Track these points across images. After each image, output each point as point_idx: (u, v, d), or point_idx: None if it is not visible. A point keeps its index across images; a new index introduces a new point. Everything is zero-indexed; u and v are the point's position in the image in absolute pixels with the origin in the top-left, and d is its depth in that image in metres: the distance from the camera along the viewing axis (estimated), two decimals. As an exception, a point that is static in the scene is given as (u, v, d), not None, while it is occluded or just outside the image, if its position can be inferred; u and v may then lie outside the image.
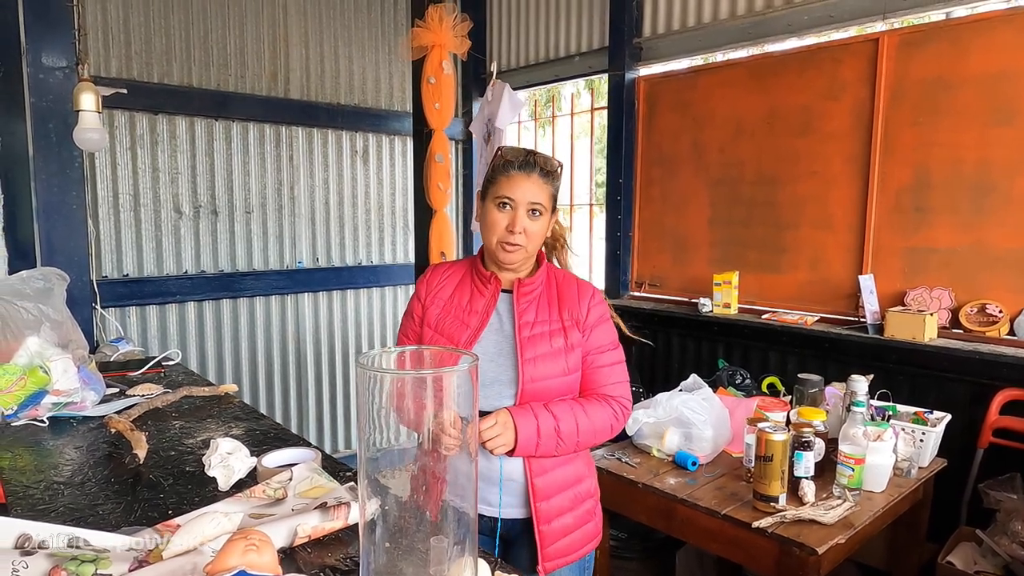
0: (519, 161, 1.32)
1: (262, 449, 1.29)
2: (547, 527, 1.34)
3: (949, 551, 2.02)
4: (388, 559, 0.74)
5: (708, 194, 3.10)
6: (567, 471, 1.38)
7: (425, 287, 1.43)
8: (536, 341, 1.32)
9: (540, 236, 1.35)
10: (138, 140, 3.17)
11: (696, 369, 2.45)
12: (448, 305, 1.39)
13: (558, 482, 1.36)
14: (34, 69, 2.17)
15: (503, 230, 1.31)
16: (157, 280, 3.25)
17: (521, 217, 1.30)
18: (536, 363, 1.31)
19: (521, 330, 1.32)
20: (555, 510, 1.35)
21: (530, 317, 1.34)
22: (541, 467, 1.34)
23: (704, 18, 3.07)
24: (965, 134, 2.35)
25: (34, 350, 1.60)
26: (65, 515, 1.07)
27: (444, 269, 1.46)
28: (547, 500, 1.34)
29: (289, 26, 3.60)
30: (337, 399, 3.98)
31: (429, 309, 1.40)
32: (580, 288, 1.40)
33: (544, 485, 1.34)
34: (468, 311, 1.37)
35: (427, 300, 1.42)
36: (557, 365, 1.32)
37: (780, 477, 1.63)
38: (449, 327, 1.36)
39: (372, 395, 0.68)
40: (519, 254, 1.32)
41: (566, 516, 1.37)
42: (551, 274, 1.43)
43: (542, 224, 1.34)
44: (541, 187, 1.32)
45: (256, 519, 1.00)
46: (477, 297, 1.38)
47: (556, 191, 1.37)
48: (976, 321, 2.32)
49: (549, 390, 1.32)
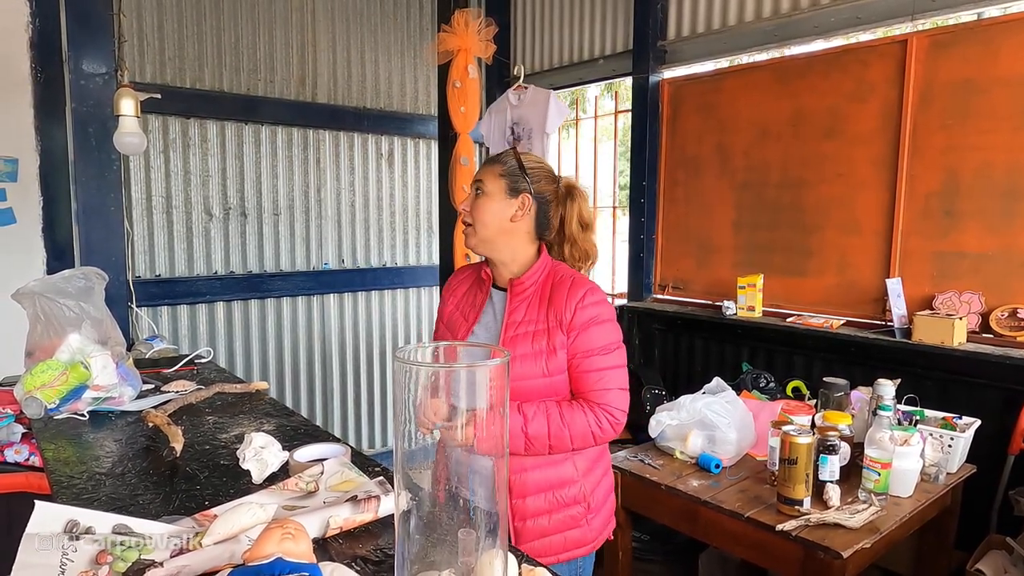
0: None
1: (293, 444, 1.32)
2: (521, 524, 1.36)
3: (978, 559, 1.99)
4: (420, 548, 0.77)
5: (733, 197, 3.09)
6: (548, 473, 1.37)
7: (447, 287, 1.57)
8: (518, 341, 1.35)
9: (488, 215, 1.38)
10: (171, 144, 3.26)
11: (720, 372, 2.44)
12: (459, 302, 1.50)
13: (536, 483, 1.37)
14: (75, 75, 2.25)
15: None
16: (188, 280, 3.34)
17: (468, 197, 1.42)
18: (516, 362, 1.33)
19: (507, 329, 1.37)
20: (530, 510, 1.36)
21: (519, 316, 1.37)
22: (520, 465, 1.35)
23: (729, 20, 3.07)
24: (996, 137, 2.31)
25: (75, 346, 1.66)
26: (107, 504, 1.11)
27: (465, 269, 1.59)
28: (522, 499, 1.36)
29: (317, 31, 3.67)
30: (362, 399, 4.03)
31: (447, 306, 1.53)
32: (571, 288, 1.36)
33: (520, 484, 1.35)
34: (470, 307, 1.47)
35: (447, 298, 1.54)
36: (536, 366, 1.33)
37: (805, 480, 1.63)
38: (454, 322, 1.48)
39: (408, 388, 0.70)
40: (471, 237, 1.41)
41: (542, 518, 1.37)
42: (550, 273, 1.42)
43: (488, 205, 1.38)
44: (484, 169, 1.42)
45: (289, 511, 1.04)
46: (478, 294, 1.47)
47: (507, 171, 1.39)
48: (1007, 326, 2.28)
49: (529, 390, 1.33)
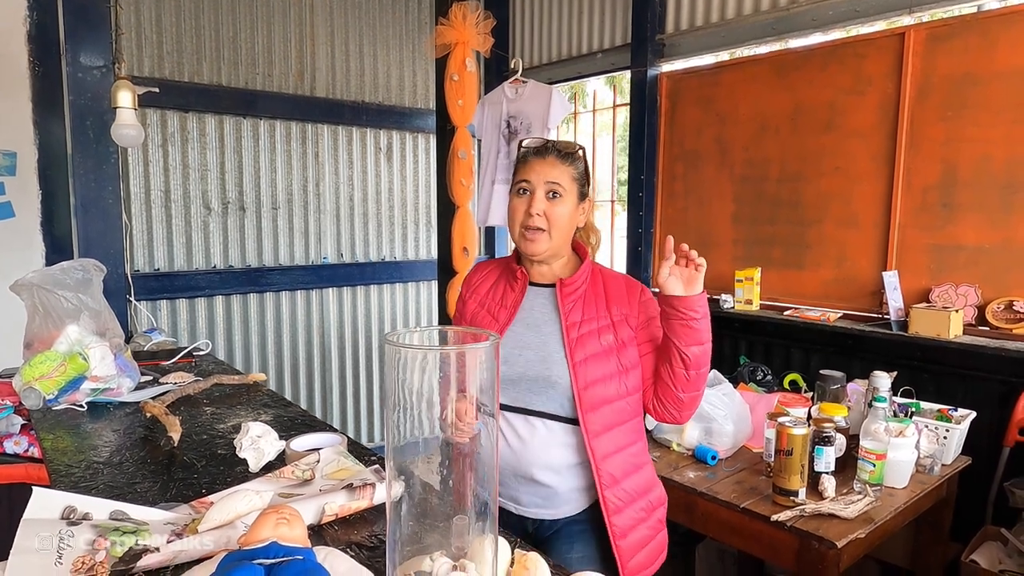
0: (535, 147, 1.32)
1: (290, 434, 1.33)
2: (624, 542, 1.27)
3: (973, 550, 2.00)
4: (412, 533, 0.77)
5: (731, 190, 3.10)
6: (637, 480, 1.33)
7: (467, 284, 1.47)
8: (585, 341, 1.27)
9: (565, 221, 1.29)
10: (169, 138, 3.26)
11: (718, 365, 2.43)
12: (484, 300, 1.41)
13: (632, 493, 1.31)
14: (73, 68, 2.25)
15: (523, 215, 1.29)
16: (187, 274, 3.34)
17: (539, 199, 1.27)
18: (588, 364, 1.26)
19: (569, 331, 1.28)
20: (630, 524, 1.30)
21: (577, 317, 1.30)
22: (611, 478, 1.28)
23: (727, 14, 3.06)
24: (993, 130, 2.32)
25: (74, 338, 1.66)
26: (105, 492, 1.12)
27: (485, 266, 1.49)
28: (618, 513, 1.28)
29: (315, 25, 3.66)
30: (360, 392, 4.04)
31: (468, 304, 1.43)
32: (629, 285, 1.34)
33: (615, 499, 1.28)
34: (499, 306, 1.37)
35: (467, 296, 1.44)
36: (609, 364, 1.27)
37: (800, 471, 1.64)
38: (481, 321, 1.37)
39: (398, 372, 0.71)
40: (542, 241, 1.28)
41: (641, 528, 1.31)
42: (596, 272, 1.37)
43: (565, 208, 1.29)
44: (558, 167, 1.29)
45: (285, 498, 1.04)
46: (508, 292, 1.38)
47: (580, 175, 1.33)
48: (1003, 318, 2.29)
49: (605, 393, 1.27)
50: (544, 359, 1.29)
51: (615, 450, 1.29)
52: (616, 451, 1.29)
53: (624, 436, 1.31)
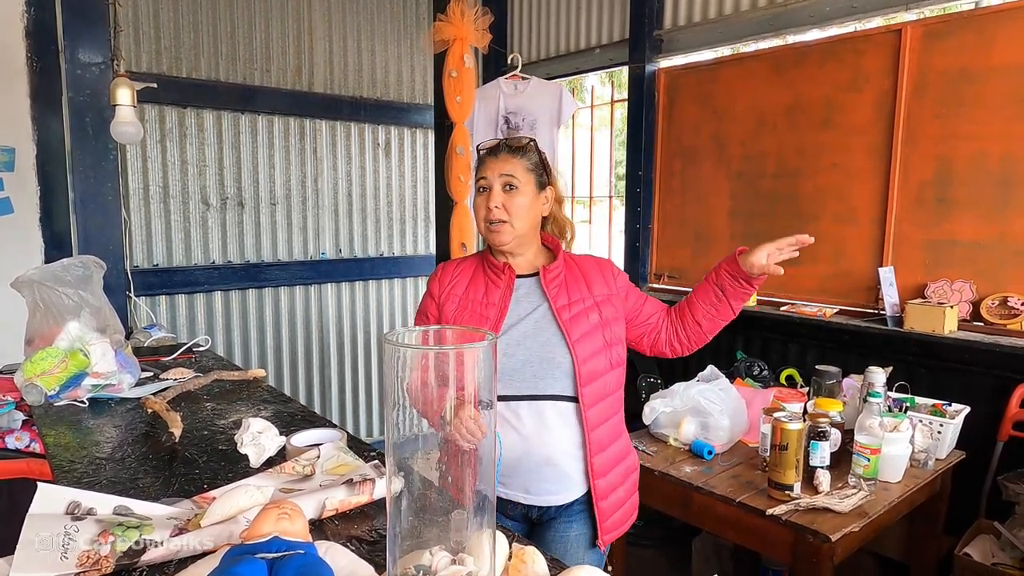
0: (489, 147, 1.42)
1: (290, 429, 1.34)
2: (604, 503, 1.41)
3: (967, 543, 2.02)
4: (412, 527, 0.79)
5: (729, 186, 3.10)
6: (619, 446, 1.46)
7: (438, 285, 1.46)
8: (577, 320, 1.37)
9: (524, 210, 1.37)
10: (167, 133, 3.26)
11: (714, 361, 2.46)
12: (464, 300, 1.41)
13: (612, 458, 1.43)
14: (71, 65, 2.25)
15: (484, 209, 1.37)
16: (186, 270, 3.35)
17: (496, 192, 1.36)
18: (583, 342, 1.36)
19: (561, 313, 1.37)
20: (610, 486, 1.42)
21: (564, 300, 1.39)
22: (599, 445, 1.39)
23: (725, 10, 3.07)
24: (989, 126, 2.32)
25: (75, 334, 1.67)
26: (108, 487, 1.13)
27: (455, 266, 1.49)
28: (603, 476, 1.41)
29: (313, 21, 3.66)
30: (360, 387, 4.06)
31: (445, 306, 1.42)
32: (600, 265, 1.48)
33: (600, 463, 1.40)
34: (485, 304, 1.39)
35: (442, 298, 1.44)
36: (597, 340, 1.38)
37: (795, 466, 1.65)
38: (467, 322, 1.38)
39: (397, 371, 0.72)
40: (505, 232, 1.36)
41: (618, 490, 1.45)
42: (568, 259, 1.48)
43: (523, 198, 1.37)
44: (510, 161, 1.38)
45: (286, 493, 1.06)
46: (492, 289, 1.40)
47: (535, 165, 1.41)
48: (997, 314, 2.31)
49: (596, 367, 1.37)
50: (544, 344, 1.36)
51: (602, 420, 1.41)
52: (602, 421, 1.41)
53: (609, 407, 1.43)
